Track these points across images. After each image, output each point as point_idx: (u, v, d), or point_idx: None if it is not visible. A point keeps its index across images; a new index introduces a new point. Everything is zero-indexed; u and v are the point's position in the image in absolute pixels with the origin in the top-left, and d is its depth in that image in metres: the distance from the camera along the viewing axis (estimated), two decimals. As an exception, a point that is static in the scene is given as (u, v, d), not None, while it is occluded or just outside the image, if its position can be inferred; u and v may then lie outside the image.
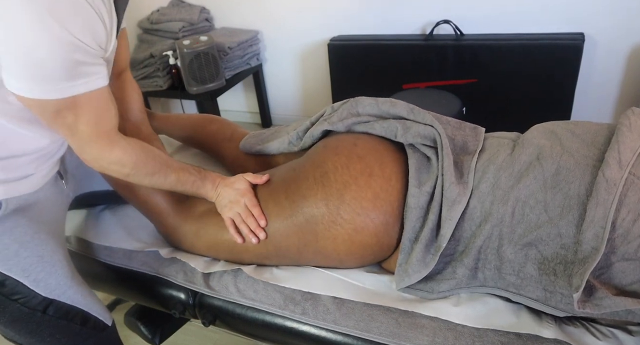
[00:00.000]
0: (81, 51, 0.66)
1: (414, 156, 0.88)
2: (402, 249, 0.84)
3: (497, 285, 0.81)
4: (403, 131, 0.89)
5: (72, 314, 0.84)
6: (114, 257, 1.06)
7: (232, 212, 0.92)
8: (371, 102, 0.97)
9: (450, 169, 0.82)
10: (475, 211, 0.80)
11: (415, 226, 0.83)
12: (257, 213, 0.90)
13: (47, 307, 0.82)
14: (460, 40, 2.15)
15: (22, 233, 0.80)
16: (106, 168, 0.82)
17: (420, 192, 0.83)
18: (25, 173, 0.82)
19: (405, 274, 0.83)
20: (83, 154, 0.80)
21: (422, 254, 0.81)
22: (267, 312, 0.92)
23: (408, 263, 0.82)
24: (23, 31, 0.61)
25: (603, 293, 0.69)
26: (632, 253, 0.69)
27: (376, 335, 0.82)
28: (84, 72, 0.69)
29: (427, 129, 0.88)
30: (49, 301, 0.82)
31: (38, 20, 0.60)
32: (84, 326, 0.86)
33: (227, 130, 1.27)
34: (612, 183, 0.71)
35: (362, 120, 0.95)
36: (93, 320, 0.88)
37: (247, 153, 1.16)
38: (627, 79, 2.12)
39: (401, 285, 0.84)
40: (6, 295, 0.79)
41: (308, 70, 2.69)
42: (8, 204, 0.79)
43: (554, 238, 0.74)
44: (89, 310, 0.87)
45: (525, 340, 0.76)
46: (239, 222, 0.92)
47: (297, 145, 1.03)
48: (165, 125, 1.37)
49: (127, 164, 0.82)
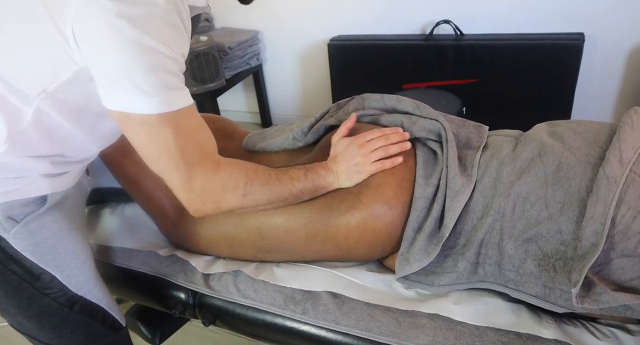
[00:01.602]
0: (177, 64, 0.66)
1: (421, 149, 0.89)
2: (405, 237, 0.84)
3: (496, 281, 0.81)
4: (409, 125, 0.91)
5: (95, 312, 0.85)
6: (114, 257, 1.06)
7: (370, 158, 0.86)
8: (377, 98, 0.99)
9: (455, 161, 0.83)
10: (478, 204, 0.81)
11: (419, 216, 0.83)
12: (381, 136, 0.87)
13: (75, 303, 0.82)
14: (460, 40, 2.15)
15: (58, 228, 0.80)
16: (221, 197, 0.75)
17: (427, 183, 0.84)
18: (68, 169, 0.82)
19: (407, 263, 0.83)
20: (189, 192, 0.72)
21: (425, 243, 0.81)
22: (267, 312, 0.92)
23: (410, 252, 0.83)
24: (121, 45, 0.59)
25: (602, 288, 0.70)
26: (632, 249, 0.69)
27: (376, 334, 0.82)
28: (179, 86, 0.67)
29: (432, 123, 0.90)
30: (77, 298, 0.82)
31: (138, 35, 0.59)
32: (103, 325, 0.87)
33: (228, 129, 1.27)
34: (613, 180, 0.71)
35: (368, 113, 0.97)
36: (111, 319, 0.88)
37: (249, 151, 1.16)
38: (627, 79, 2.12)
39: (401, 274, 0.84)
40: (39, 289, 0.79)
41: (308, 70, 2.69)
42: (51, 199, 0.79)
43: (554, 234, 0.74)
44: (110, 309, 0.88)
45: (525, 340, 0.76)
46: (383, 155, 0.86)
47: (301, 141, 1.02)
48: None
49: (240, 178, 0.76)
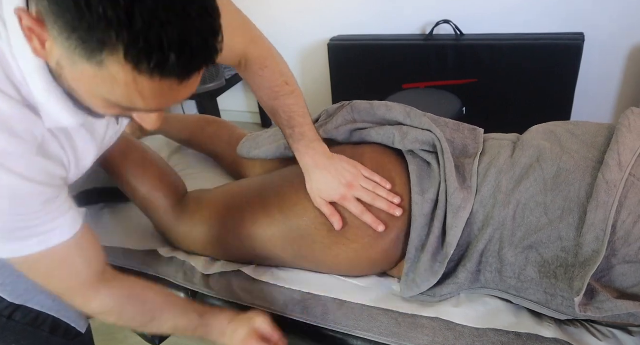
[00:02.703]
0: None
1: (414, 162, 0.87)
2: (407, 258, 0.83)
3: (498, 287, 0.80)
4: (400, 138, 0.88)
5: (40, 320, 0.80)
6: (114, 257, 1.06)
7: None
8: (366, 107, 0.96)
9: (453, 174, 0.81)
10: (478, 215, 0.79)
11: (421, 235, 0.82)
12: None
13: (14, 312, 0.77)
14: (460, 40, 2.15)
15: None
16: (95, 315, 0.74)
17: (424, 199, 0.82)
18: None
19: (414, 284, 0.82)
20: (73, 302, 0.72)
21: (430, 263, 0.80)
22: (267, 312, 0.91)
23: (416, 273, 0.81)
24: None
25: (604, 296, 0.69)
26: (633, 255, 0.69)
27: (376, 335, 0.82)
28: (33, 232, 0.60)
29: (425, 134, 0.87)
30: (16, 307, 0.77)
31: None
32: (53, 334, 0.81)
33: (225, 133, 1.26)
34: (612, 185, 0.70)
35: (358, 127, 0.94)
36: (64, 327, 0.82)
37: (244, 157, 1.15)
38: (627, 79, 2.12)
39: (410, 294, 0.83)
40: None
41: (308, 70, 2.69)
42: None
43: (554, 241, 0.73)
44: (61, 316, 0.82)
45: (525, 340, 0.76)
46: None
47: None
48: (164, 126, 1.36)
49: (111, 314, 0.73)
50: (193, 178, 1.25)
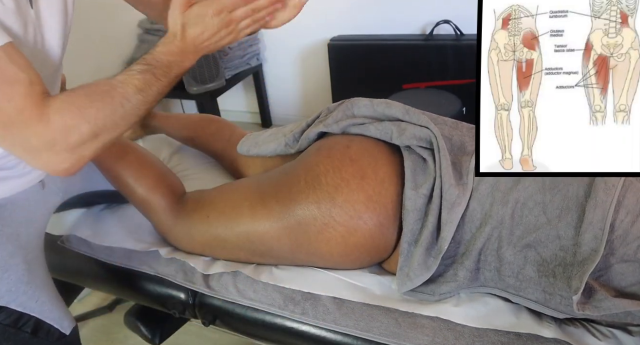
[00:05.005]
0: None
1: (409, 158, 0.87)
2: (401, 252, 0.83)
3: (497, 285, 0.81)
4: (398, 133, 0.89)
5: (22, 321, 0.78)
6: (114, 257, 1.06)
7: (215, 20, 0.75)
8: (366, 103, 0.97)
9: (449, 171, 0.82)
10: (475, 213, 0.80)
11: (413, 229, 0.82)
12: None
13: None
14: (460, 40, 2.15)
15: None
16: (71, 146, 0.65)
17: (417, 194, 0.83)
18: (4, 175, 0.77)
19: (407, 278, 0.82)
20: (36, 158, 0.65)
21: (424, 257, 0.80)
22: (267, 312, 0.92)
23: (409, 267, 0.82)
24: None
25: (602, 295, 0.69)
26: (631, 254, 0.69)
27: (376, 335, 0.82)
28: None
29: (422, 130, 0.88)
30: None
31: None
32: (34, 335, 0.79)
33: (226, 132, 1.27)
34: (611, 184, 0.71)
35: (357, 122, 0.95)
36: (47, 328, 0.81)
37: (244, 156, 1.16)
38: (627, 79, 2.12)
39: (403, 289, 0.84)
40: None
41: (308, 70, 2.69)
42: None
43: (552, 240, 0.74)
44: (44, 317, 0.80)
45: (525, 340, 0.76)
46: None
47: (293, 148, 1.03)
48: (165, 125, 1.37)
49: (75, 118, 0.65)
50: (193, 178, 1.25)
